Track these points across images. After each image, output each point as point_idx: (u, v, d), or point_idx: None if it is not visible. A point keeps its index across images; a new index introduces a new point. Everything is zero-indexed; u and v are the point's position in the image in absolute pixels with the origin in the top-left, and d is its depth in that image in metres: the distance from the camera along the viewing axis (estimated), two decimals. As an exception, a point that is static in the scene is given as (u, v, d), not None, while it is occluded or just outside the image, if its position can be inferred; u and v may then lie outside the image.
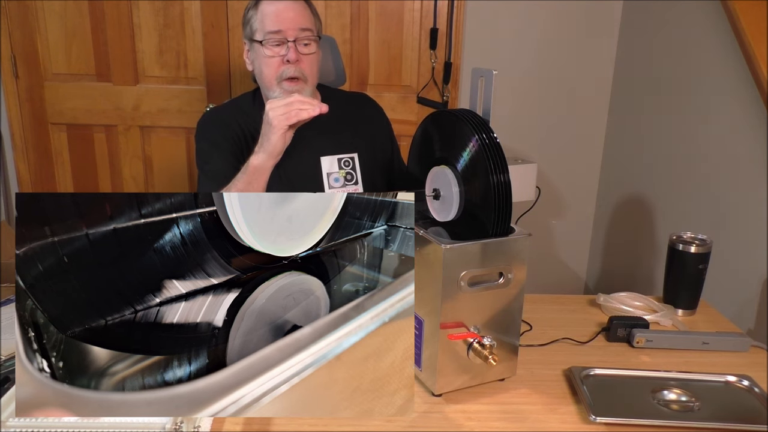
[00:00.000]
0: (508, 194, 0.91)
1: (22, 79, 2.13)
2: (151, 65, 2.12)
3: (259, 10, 1.33)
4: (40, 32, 2.08)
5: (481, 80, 0.97)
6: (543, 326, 1.20)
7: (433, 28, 2.06)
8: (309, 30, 1.34)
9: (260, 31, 1.32)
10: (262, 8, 1.33)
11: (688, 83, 1.72)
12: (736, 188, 1.51)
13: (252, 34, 1.34)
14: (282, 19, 1.31)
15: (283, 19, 1.31)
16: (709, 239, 1.27)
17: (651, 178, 1.91)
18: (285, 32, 1.31)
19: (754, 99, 1.42)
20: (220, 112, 1.45)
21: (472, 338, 0.94)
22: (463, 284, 0.92)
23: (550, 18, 2.10)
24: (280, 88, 1.33)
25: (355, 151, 1.44)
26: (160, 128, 2.18)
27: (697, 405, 0.96)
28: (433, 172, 1.00)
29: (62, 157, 2.22)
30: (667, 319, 1.23)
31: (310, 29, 1.34)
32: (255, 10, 1.34)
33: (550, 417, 0.93)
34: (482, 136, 0.91)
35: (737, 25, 1.45)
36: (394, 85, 2.14)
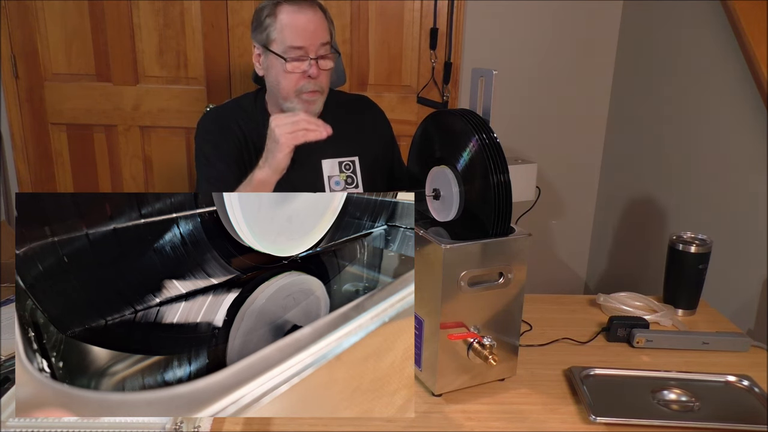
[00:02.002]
0: (508, 194, 0.91)
1: (22, 79, 2.13)
2: (151, 65, 2.12)
3: (278, 19, 1.28)
4: (40, 32, 2.08)
5: (481, 80, 0.97)
6: (543, 326, 1.20)
7: (433, 28, 2.06)
8: (328, 43, 1.32)
9: (279, 43, 1.29)
10: (282, 18, 1.28)
11: (688, 83, 1.72)
12: (736, 188, 1.51)
13: (268, 42, 1.30)
14: (304, 34, 1.28)
15: (306, 34, 1.28)
16: (709, 239, 1.27)
17: (651, 178, 1.91)
18: (307, 49, 1.29)
19: (754, 99, 1.42)
20: (220, 113, 1.44)
21: (472, 338, 0.94)
22: (463, 284, 0.92)
23: (550, 18, 2.10)
24: (298, 100, 1.33)
25: (355, 154, 1.44)
26: (160, 128, 2.18)
27: (697, 405, 0.96)
28: (433, 172, 1.00)
29: (62, 157, 2.21)
30: (667, 319, 1.23)
31: (328, 42, 1.32)
32: (273, 18, 1.29)
33: (550, 417, 0.93)
34: (482, 136, 0.91)
35: (737, 25, 1.45)
36: (394, 85, 2.14)
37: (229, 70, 2.12)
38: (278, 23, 1.28)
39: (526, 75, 2.15)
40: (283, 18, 1.28)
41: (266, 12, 1.30)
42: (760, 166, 1.40)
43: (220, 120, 1.40)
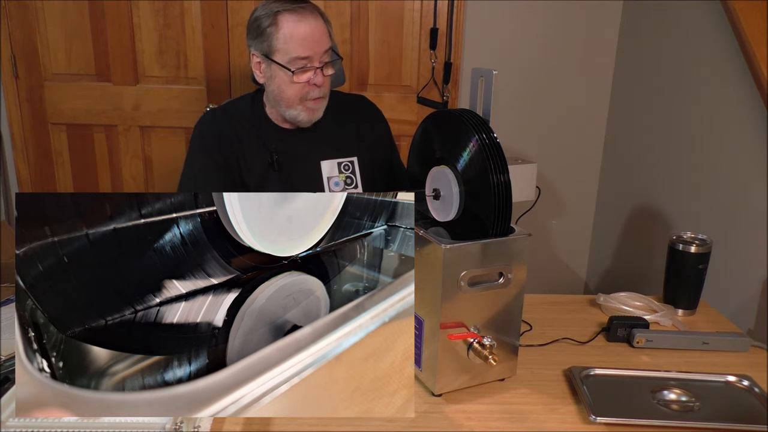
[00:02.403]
0: (508, 194, 0.91)
1: (22, 79, 2.13)
2: (151, 65, 2.12)
3: (280, 27, 1.26)
4: (40, 32, 2.08)
5: (481, 80, 0.97)
6: (543, 326, 1.20)
7: (433, 28, 2.06)
8: (330, 49, 1.32)
9: (283, 53, 1.28)
10: (285, 28, 1.26)
11: (687, 83, 1.72)
12: (736, 188, 1.51)
13: (271, 52, 1.29)
14: (309, 44, 1.27)
15: (310, 44, 1.27)
16: (709, 239, 1.27)
17: (651, 178, 1.91)
18: (312, 59, 1.28)
19: (754, 99, 1.42)
20: (218, 119, 1.43)
21: (472, 338, 0.94)
22: (463, 284, 0.92)
23: (550, 18, 2.10)
24: (303, 107, 1.33)
25: (354, 154, 1.44)
26: (160, 128, 2.18)
27: (697, 405, 0.96)
28: (433, 172, 1.00)
29: (62, 157, 2.21)
30: (667, 319, 1.23)
31: (330, 47, 1.32)
32: (275, 27, 1.26)
33: (550, 417, 0.93)
34: (482, 136, 0.91)
35: (737, 26, 1.45)
36: (394, 85, 2.14)
37: (229, 70, 2.12)
38: (281, 33, 1.27)
39: (526, 75, 2.15)
40: (285, 28, 1.26)
41: (267, 21, 1.28)
42: (760, 167, 1.40)
43: (216, 128, 1.40)
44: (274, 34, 1.27)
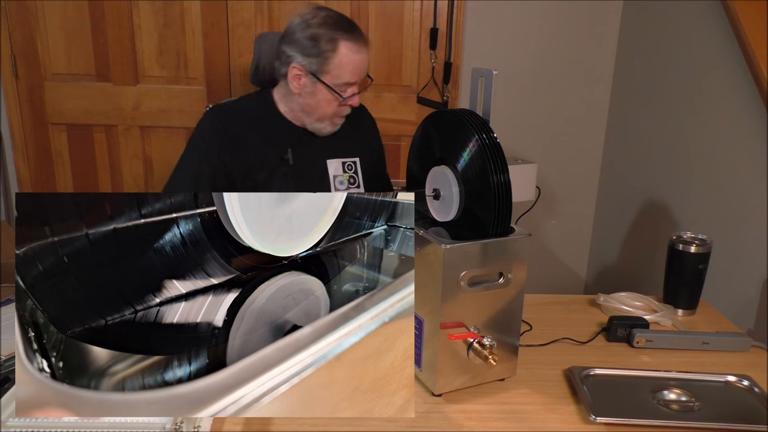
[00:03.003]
0: (508, 194, 0.91)
1: (22, 79, 2.13)
2: (151, 65, 2.11)
3: (338, 54, 1.32)
4: (40, 32, 2.08)
5: (481, 80, 0.97)
6: (543, 326, 1.20)
7: (433, 28, 2.06)
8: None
9: (333, 76, 1.33)
10: (342, 54, 1.32)
11: (687, 83, 1.72)
12: (736, 188, 1.51)
13: (320, 72, 1.33)
14: (358, 72, 1.36)
15: (359, 72, 1.36)
16: (709, 239, 1.27)
17: (651, 178, 1.91)
18: (357, 83, 1.37)
19: (754, 99, 1.42)
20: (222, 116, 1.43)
21: (472, 338, 0.94)
22: (463, 284, 0.92)
23: (550, 18, 2.10)
24: (330, 122, 1.41)
25: (356, 155, 1.49)
26: (160, 128, 2.18)
27: (697, 405, 0.96)
28: (433, 172, 1.00)
29: (62, 157, 2.21)
30: (667, 319, 1.23)
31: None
32: (333, 52, 1.31)
33: (550, 417, 0.93)
34: (482, 136, 0.91)
35: (737, 25, 1.45)
36: (394, 85, 2.14)
37: (229, 70, 2.11)
38: (338, 59, 1.32)
39: (526, 75, 2.15)
40: (343, 54, 1.32)
41: (326, 43, 1.31)
42: (760, 166, 1.40)
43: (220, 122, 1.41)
44: (330, 58, 1.32)
